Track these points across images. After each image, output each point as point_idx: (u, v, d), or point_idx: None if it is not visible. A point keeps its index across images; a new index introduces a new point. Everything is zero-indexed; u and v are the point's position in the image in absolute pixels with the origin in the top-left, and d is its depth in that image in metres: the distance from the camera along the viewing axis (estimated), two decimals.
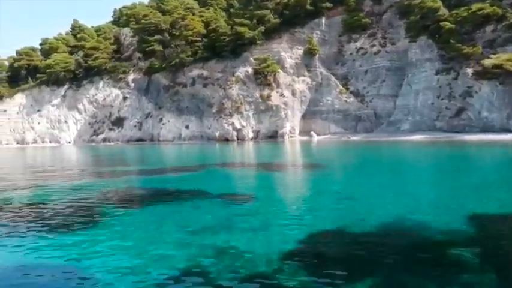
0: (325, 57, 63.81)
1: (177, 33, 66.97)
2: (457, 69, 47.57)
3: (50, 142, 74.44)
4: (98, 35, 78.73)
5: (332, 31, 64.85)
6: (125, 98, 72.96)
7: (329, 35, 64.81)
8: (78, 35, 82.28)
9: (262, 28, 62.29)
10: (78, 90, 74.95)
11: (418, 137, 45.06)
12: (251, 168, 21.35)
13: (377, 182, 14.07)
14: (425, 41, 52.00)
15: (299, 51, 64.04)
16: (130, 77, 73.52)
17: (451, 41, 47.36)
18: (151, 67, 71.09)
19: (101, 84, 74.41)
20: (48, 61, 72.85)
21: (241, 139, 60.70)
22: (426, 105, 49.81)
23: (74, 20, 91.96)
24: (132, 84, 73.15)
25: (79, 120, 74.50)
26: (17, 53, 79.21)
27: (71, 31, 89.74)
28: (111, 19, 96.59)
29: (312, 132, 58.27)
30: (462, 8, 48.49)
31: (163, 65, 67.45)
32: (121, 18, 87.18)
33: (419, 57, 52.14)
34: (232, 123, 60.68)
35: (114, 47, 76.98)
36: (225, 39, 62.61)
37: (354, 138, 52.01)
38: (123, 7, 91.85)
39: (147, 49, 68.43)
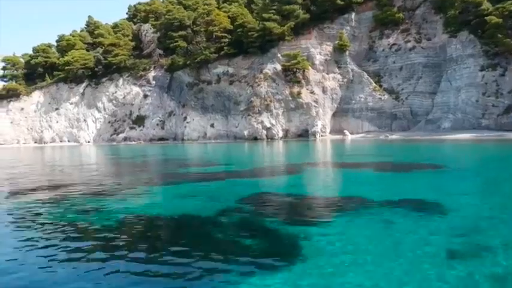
0: (355, 54, 61.92)
1: (202, 29, 64.94)
2: (503, 65, 45.75)
3: (69, 141, 72.45)
4: (116, 32, 76.59)
5: (362, 27, 63.00)
6: (145, 96, 71.02)
7: (359, 30, 62.93)
8: (96, 32, 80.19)
9: (291, 23, 60.31)
10: (97, 87, 72.98)
11: (463, 136, 43.19)
12: (357, 169, 18.72)
13: None
14: (466, 36, 50.13)
15: (328, 47, 62.15)
16: (151, 74, 71.56)
17: (498, 35, 45.48)
18: (173, 64, 69.14)
19: (120, 81, 72.44)
20: (67, 58, 70.80)
21: (270, 138, 58.83)
22: (469, 102, 47.94)
23: (89, 16, 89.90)
24: (153, 82, 71.21)
25: (98, 119, 72.52)
26: (34, 49, 77.15)
27: (86, 28, 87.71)
28: (126, 16, 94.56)
29: (346, 131, 56.38)
30: (508, 2, 46.61)
31: (188, 62, 65.39)
32: (138, 15, 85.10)
33: (460, 53, 50.28)
34: (262, 122, 58.77)
35: (133, 43, 74.89)
36: (253, 35, 60.64)
37: (393, 136, 50.19)
38: (139, 3, 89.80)
39: (171, 45, 66.46)
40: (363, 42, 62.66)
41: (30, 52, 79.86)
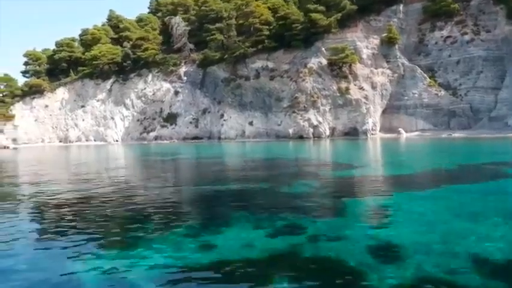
0: (404, 47, 58.38)
1: (241, 21, 61.32)
2: None
3: (95, 140, 68.77)
4: (143, 26, 72.79)
5: (409, 19, 59.48)
6: (176, 93, 67.42)
7: (406, 23, 59.38)
8: (121, 25, 76.54)
9: (338, 15, 56.74)
10: (125, 84, 69.35)
11: None
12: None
13: None
14: None
15: (375, 40, 58.63)
16: (182, 69, 68.00)
17: None
18: (206, 59, 65.55)
19: (149, 77, 68.84)
20: (94, 52, 67.14)
21: (317, 136, 55.25)
22: None
23: (111, 10, 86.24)
24: (184, 78, 67.63)
25: (126, 117, 68.88)
26: (57, 44, 73.40)
27: (107, 22, 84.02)
28: (148, 10, 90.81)
29: (401, 129, 52.80)
30: None
31: (225, 56, 61.74)
32: (162, 9, 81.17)
33: None
34: (309, 119, 55.19)
35: (161, 37, 71.22)
36: (296, 27, 57.07)
37: (457, 135, 46.63)
38: None
39: (208, 38, 62.81)
40: (411, 35, 59.13)
41: (46, 47, 76.48)
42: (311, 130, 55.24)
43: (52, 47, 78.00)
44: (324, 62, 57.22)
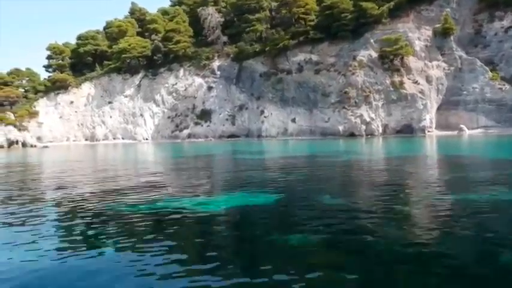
0: (457, 39, 54.66)
1: (284, 11, 57.55)
2: None
3: (123, 138, 64.85)
4: (172, 18, 68.66)
5: (463, 9, 55.78)
6: (209, 88, 63.59)
7: (460, 13, 55.68)
8: (147, 17, 72.71)
9: (390, 4, 53.02)
10: (154, 79, 65.46)
11: None
12: None
13: None
14: None
15: (427, 31, 54.97)
16: (215, 63, 64.16)
17: None
18: (241, 52, 61.75)
19: (181, 72, 64.96)
20: (122, 45, 63.18)
21: (370, 134, 51.50)
22: None
23: (133, 3, 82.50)
24: (218, 72, 63.80)
25: (156, 114, 64.98)
26: (80, 37, 69.39)
27: (130, 16, 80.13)
28: (170, 3, 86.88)
29: (463, 126, 48.99)
30: None
31: (266, 48, 57.94)
32: (186, 1, 77.07)
33: None
34: (361, 116, 51.43)
35: (192, 30, 67.28)
36: (346, 17, 53.28)
37: None
38: None
39: (247, 29, 59.01)
40: (466, 26, 55.41)
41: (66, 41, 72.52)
42: (363, 127, 51.50)
43: (69, 42, 74.44)
44: (374, 54, 53.55)
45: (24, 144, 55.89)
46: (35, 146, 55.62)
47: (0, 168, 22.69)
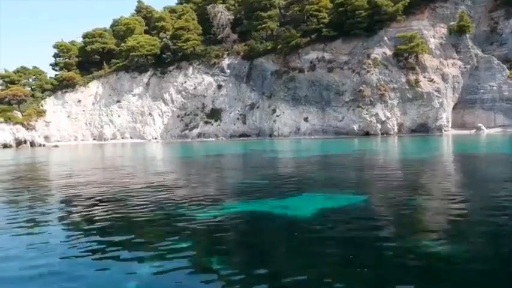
0: (473, 37, 53.89)
1: (296, 9, 56.64)
2: None
3: (131, 138, 63.90)
4: (180, 16, 67.62)
5: (478, 7, 55.05)
6: (219, 87, 62.69)
7: (475, 11, 54.95)
8: (155, 15, 71.80)
9: (405, 1, 52.17)
10: (163, 77, 64.50)
11: None
12: None
13: None
14: None
15: (442, 29, 54.25)
16: (225, 62, 63.21)
17: None
18: (252, 50, 60.84)
19: (190, 70, 64.02)
20: (130, 43, 62.17)
21: (385, 133, 50.69)
22: None
23: (139, 1, 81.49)
24: (228, 71, 62.87)
25: (165, 113, 64.06)
26: (87, 35, 68.30)
27: (136, 14, 79.13)
28: (176, 1, 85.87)
29: (481, 125, 48.20)
30: None
31: (278, 46, 57.01)
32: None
33: None
34: (376, 115, 50.60)
35: (201, 27, 66.30)
36: (360, 14, 52.40)
37: None
38: None
39: (259, 27, 58.14)
40: (481, 24, 54.65)
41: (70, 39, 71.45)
42: (379, 126, 50.70)
43: (75, 40, 73.28)
44: (389, 52, 52.76)
45: (32, 144, 54.92)
46: (44, 145, 54.70)
47: (28, 169, 21.80)
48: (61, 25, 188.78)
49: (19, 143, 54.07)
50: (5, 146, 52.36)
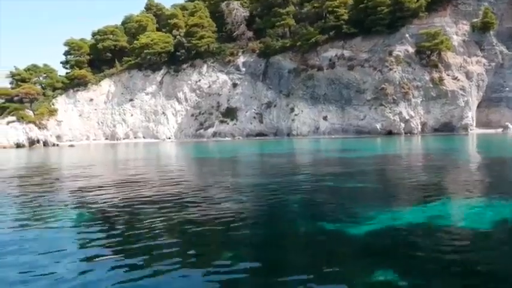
0: (496, 34, 52.80)
1: (316, 5, 55.41)
2: None
3: (144, 137, 62.54)
4: (193, 13, 66.18)
5: (501, 3, 53.97)
6: (234, 85, 61.41)
7: (498, 7, 53.84)
8: (166, 13, 70.45)
9: None
10: (177, 75, 63.16)
11: None
12: None
13: None
14: None
15: (465, 26, 53.14)
16: (240, 59, 61.95)
17: None
18: (268, 47, 59.56)
19: (204, 68, 62.72)
20: (144, 40, 60.82)
21: (408, 132, 49.53)
22: None
23: None
24: (243, 69, 61.60)
25: (179, 111, 62.73)
26: (99, 32, 66.83)
27: (146, 11, 77.66)
28: None
29: (508, 124, 47.12)
30: None
31: (297, 43, 55.85)
32: None
33: None
34: (400, 113, 49.43)
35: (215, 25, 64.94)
36: (382, 10, 51.19)
37: None
38: None
39: (277, 24, 56.91)
40: (504, 21, 53.51)
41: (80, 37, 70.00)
42: (402, 125, 49.52)
43: (85, 38, 71.85)
44: (411, 49, 51.61)
45: (45, 143, 53.54)
46: (57, 145, 53.32)
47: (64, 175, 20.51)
48: (68, 23, 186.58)
49: (32, 142, 52.70)
50: (18, 145, 50.98)
